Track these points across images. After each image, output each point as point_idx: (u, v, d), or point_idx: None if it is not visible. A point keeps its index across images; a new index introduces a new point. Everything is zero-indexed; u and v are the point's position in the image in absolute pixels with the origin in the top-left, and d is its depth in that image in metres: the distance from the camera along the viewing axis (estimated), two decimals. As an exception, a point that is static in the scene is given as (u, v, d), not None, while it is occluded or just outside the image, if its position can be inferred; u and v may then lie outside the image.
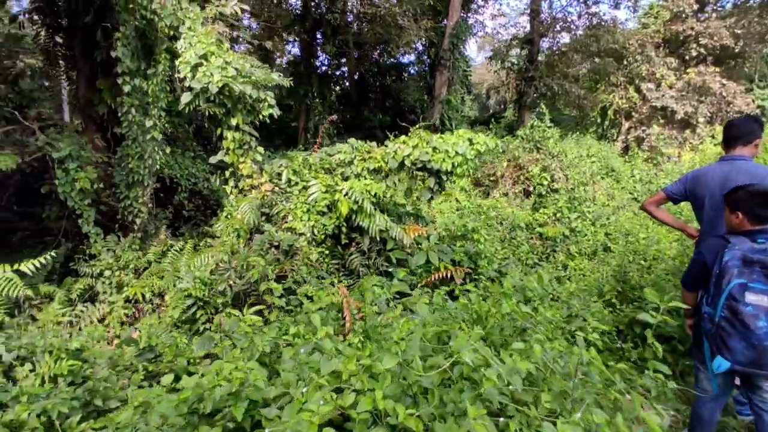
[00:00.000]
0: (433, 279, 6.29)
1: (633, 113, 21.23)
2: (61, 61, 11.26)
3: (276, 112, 6.55)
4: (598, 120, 22.99)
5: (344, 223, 6.44)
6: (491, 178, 14.24)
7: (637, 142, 20.57)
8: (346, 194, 6.38)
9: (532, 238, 8.78)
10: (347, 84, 22.25)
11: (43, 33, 10.48)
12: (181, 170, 10.65)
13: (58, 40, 10.80)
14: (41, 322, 7.32)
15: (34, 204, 10.96)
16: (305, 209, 6.33)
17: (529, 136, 13.77)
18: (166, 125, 8.68)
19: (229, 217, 6.48)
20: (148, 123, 8.43)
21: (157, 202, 10.47)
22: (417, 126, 7.09)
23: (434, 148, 6.70)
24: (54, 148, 8.10)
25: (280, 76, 6.68)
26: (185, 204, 10.91)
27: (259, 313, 5.02)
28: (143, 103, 8.54)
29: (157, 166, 8.56)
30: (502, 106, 37.64)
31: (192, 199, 11.18)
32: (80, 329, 7.53)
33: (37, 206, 10.61)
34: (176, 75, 6.54)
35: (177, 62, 6.50)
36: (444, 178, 6.82)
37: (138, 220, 8.74)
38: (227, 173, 6.94)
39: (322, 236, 6.24)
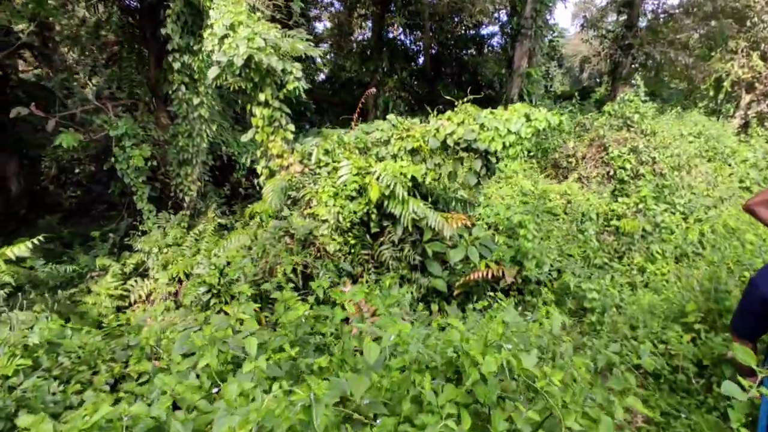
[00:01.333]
0: (471, 278, 5.35)
1: (756, 84, 17.78)
2: (135, 43, 11.57)
3: (303, 85, 5.89)
4: (711, 93, 19.63)
5: (374, 210, 5.68)
6: (570, 160, 12.62)
7: (759, 118, 17.23)
8: (378, 177, 5.60)
9: (604, 232, 7.36)
10: (422, 59, 21.12)
11: (114, 17, 10.76)
12: (239, 148, 10.47)
13: (131, 21, 11.05)
14: (95, 294, 7.53)
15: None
16: (332, 193, 5.65)
17: (618, 111, 11.90)
18: (214, 103, 8.41)
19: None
20: (196, 100, 8.22)
21: (215, 181, 10.46)
22: (465, 99, 6.06)
23: (482, 126, 5.65)
24: (111, 126, 8.20)
25: (309, 45, 5.98)
26: (242, 182, 10.79)
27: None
28: (192, 80, 8.36)
29: (205, 144, 8.37)
30: (596, 80, 34.03)
31: (250, 177, 11.04)
32: (129, 305, 7.65)
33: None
34: (203, 48, 6.12)
35: (205, 35, 6.04)
36: (493, 160, 5.75)
37: (187, 198, 8.68)
38: (258, 152, 6.46)
39: (348, 224, 5.54)
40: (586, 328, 4.66)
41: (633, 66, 20.64)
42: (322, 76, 25.93)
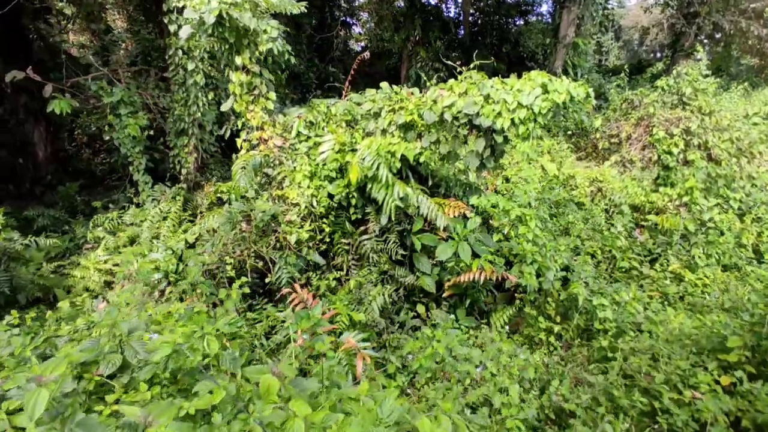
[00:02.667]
0: (461, 280, 4.46)
1: None
2: (148, 5, 11.03)
3: (278, 47, 5.03)
4: (788, 69, 17.14)
5: (354, 194, 4.84)
6: (613, 140, 11.23)
7: (844, 98, 14.79)
8: (363, 158, 4.75)
9: (638, 227, 6.15)
10: (462, 30, 19.62)
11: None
12: (248, 119, 9.81)
13: (145, -17, 10.49)
14: (83, 267, 7.19)
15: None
16: (308, 173, 4.85)
17: (673, 87, 10.34)
18: (211, 68, 7.72)
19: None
20: (191, 66, 7.57)
21: (224, 153, 9.90)
22: (471, 65, 5.03)
23: (486, 97, 4.63)
24: (106, 93, 7.71)
25: (291, 1, 5.10)
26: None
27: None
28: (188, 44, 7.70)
29: (199, 114, 7.74)
30: (656, 54, 31.06)
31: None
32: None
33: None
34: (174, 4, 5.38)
35: (177, -13, 5.29)
36: (500, 139, 4.74)
37: (184, 171, 8.17)
38: (239, 123, 5.74)
39: (323, 209, 4.74)
40: (595, 353, 3.69)
41: (698, 38, 18.39)
42: (359, 46, 24.88)
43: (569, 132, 12.34)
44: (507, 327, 4.09)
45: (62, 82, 9.50)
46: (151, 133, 8.07)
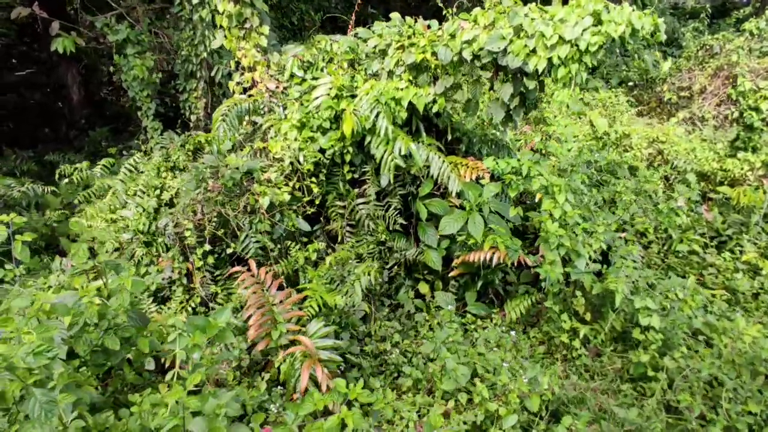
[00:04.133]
0: (469, 259, 3.63)
1: None
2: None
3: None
4: None
5: (350, 149, 4.02)
6: (683, 94, 9.61)
7: None
8: (361, 105, 3.89)
9: (703, 200, 4.94)
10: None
11: None
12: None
13: None
14: (91, 217, 6.92)
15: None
16: (296, 122, 4.06)
17: (764, 31, 8.58)
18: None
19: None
20: (195, -1, 6.76)
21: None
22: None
23: (518, 29, 3.58)
24: (111, 31, 7.11)
25: None
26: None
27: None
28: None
29: (205, 55, 7.00)
30: (744, -4, 26.89)
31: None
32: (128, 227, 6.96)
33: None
34: None
35: None
36: (532, 84, 3.70)
37: (193, 117, 7.57)
38: (232, 63, 4.97)
39: (311, 166, 3.97)
40: (631, 369, 2.82)
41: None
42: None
43: (631, 83, 10.71)
44: (516, 328, 3.25)
45: (74, 19, 9.01)
46: (160, 75, 7.48)
